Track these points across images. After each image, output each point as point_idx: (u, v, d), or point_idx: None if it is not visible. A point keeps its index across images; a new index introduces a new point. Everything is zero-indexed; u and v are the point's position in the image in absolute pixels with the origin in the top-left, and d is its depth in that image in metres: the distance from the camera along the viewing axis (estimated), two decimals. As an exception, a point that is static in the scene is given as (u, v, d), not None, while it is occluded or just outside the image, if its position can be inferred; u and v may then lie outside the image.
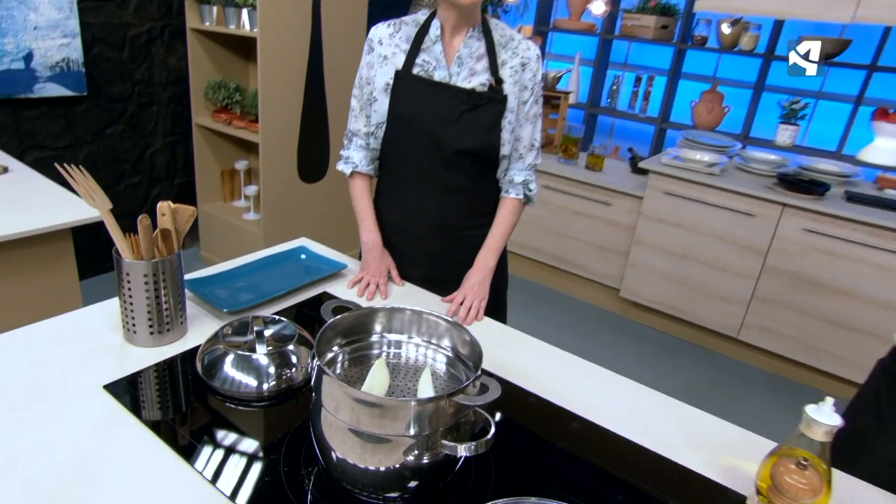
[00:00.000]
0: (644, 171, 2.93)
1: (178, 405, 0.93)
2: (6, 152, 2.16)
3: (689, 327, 2.92)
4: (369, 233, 1.39)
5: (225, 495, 0.75)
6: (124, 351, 1.03)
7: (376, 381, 0.78)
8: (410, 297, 1.34)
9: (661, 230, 2.84)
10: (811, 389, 2.65)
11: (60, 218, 1.60)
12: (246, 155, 3.20)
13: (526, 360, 1.14)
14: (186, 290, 1.21)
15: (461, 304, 1.26)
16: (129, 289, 1.01)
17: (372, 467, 0.73)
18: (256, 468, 0.81)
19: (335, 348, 0.86)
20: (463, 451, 0.70)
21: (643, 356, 2.79)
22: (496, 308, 1.41)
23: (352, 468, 0.73)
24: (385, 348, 0.91)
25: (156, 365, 1.00)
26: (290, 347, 1.00)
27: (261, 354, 0.97)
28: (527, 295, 3.25)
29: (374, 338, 0.91)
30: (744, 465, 0.91)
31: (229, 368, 0.96)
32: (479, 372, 0.75)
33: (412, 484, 0.75)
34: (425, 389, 0.78)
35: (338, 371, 0.85)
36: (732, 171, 2.83)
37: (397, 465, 0.72)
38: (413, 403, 0.69)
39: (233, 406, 0.93)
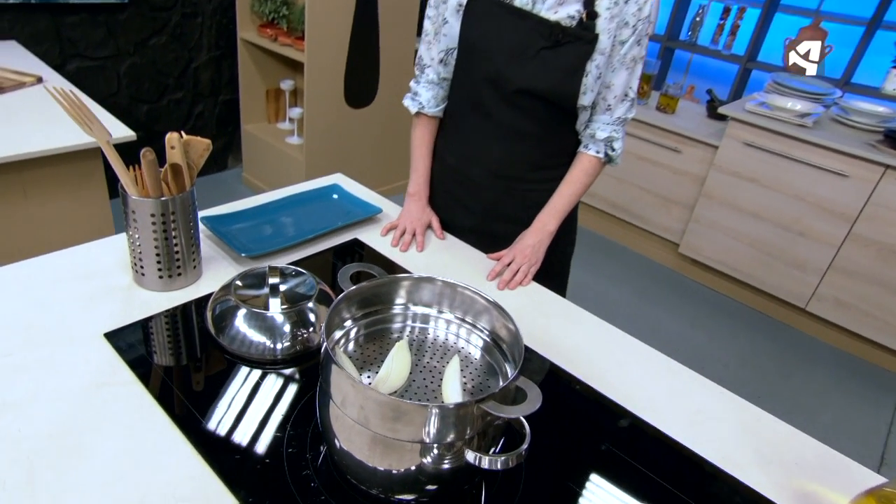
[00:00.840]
0: (722, 117, 2.63)
1: (181, 363, 0.84)
2: (46, 61, 2.08)
3: (752, 292, 2.70)
4: (417, 184, 1.25)
5: (219, 477, 0.67)
6: (132, 294, 0.94)
7: (395, 368, 0.67)
8: (451, 250, 1.20)
9: (733, 184, 2.57)
10: (885, 371, 2.43)
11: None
12: (292, 74, 3.04)
13: (577, 337, 1.00)
14: (204, 229, 1.11)
15: (508, 265, 1.12)
16: (136, 228, 0.91)
17: (382, 468, 0.62)
18: (258, 446, 0.72)
19: (349, 322, 0.74)
20: (488, 463, 0.59)
21: (697, 317, 2.61)
22: (555, 276, 1.26)
23: (358, 465, 0.63)
24: (409, 322, 0.78)
25: (163, 313, 0.91)
26: (310, 305, 0.89)
27: (275, 312, 0.87)
28: (578, 243, 3.06)
29: (397, 309, 0.78)
30: (825, 493, 0.76)
31: (241, 324, 0.86)
32: (517, 372, 0.61)
33: (429, 488, 0.65)
34: (451, 387, 0.66)
35: (351, 348, 0.74)
36: (827, 124, 2.49)
37: (412, 469, 0.61)
38: (433, 410, 0.56)
39: (242, 367, 0.84)
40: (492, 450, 0.65)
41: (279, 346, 0.85)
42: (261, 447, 0.72)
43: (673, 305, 2.68)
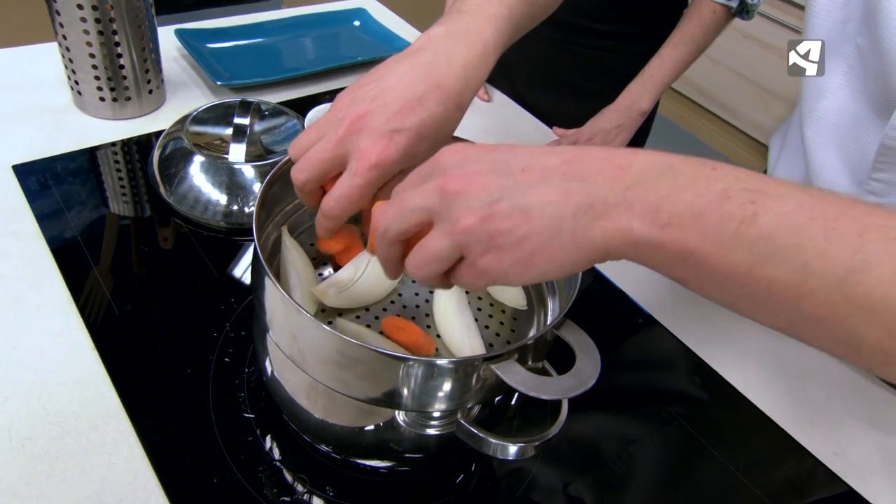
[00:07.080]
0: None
1: (101, 219, 0.62)
2: None
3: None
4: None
5: (115, 387, 0.47)
6: (66, 118, 0.71)
7: (370, 272, 0.42)
8: (497, 115, 0.91)
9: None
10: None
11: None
12: None
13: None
14: (178, 47, 0.85)
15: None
16: (61, 24, 0.66)
17: (336, 423, 0.41)
18: (180, 349, 0.51)
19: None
20: (493, 451, 0.36)
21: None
22: None
23: (301, 412, 0.42)
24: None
25: (99, 147, 0.69)
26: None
27: (236, 161, 0.63)
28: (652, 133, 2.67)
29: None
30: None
31: (192, 174, 0.63)
32: (564, 314, 0.36)
33: (407, 456, 0.44)
34: (450, 319, 0.41)
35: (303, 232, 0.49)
36: None
37: (374, 433, 0.40)
38: (409, 365, 0.33)
39: (187, 233, 0.62)
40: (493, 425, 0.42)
41: (235, 208, 0.62)
42: (183, 351, 0.51)
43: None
